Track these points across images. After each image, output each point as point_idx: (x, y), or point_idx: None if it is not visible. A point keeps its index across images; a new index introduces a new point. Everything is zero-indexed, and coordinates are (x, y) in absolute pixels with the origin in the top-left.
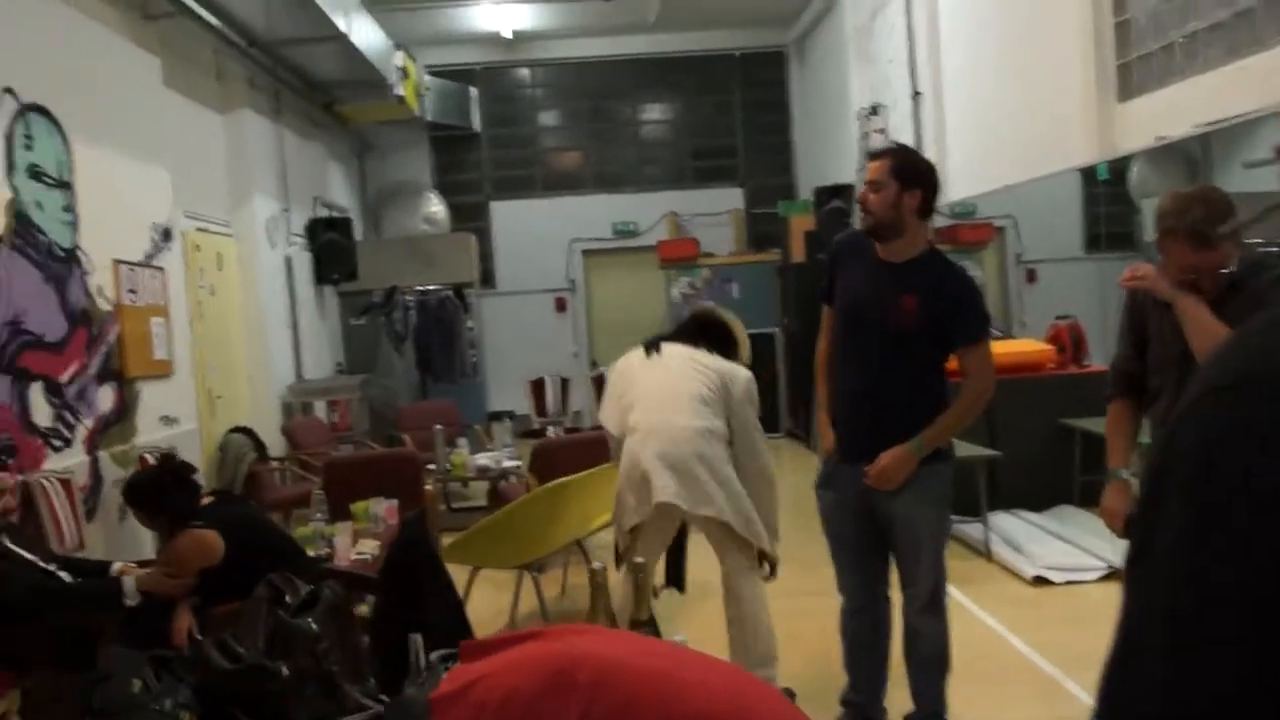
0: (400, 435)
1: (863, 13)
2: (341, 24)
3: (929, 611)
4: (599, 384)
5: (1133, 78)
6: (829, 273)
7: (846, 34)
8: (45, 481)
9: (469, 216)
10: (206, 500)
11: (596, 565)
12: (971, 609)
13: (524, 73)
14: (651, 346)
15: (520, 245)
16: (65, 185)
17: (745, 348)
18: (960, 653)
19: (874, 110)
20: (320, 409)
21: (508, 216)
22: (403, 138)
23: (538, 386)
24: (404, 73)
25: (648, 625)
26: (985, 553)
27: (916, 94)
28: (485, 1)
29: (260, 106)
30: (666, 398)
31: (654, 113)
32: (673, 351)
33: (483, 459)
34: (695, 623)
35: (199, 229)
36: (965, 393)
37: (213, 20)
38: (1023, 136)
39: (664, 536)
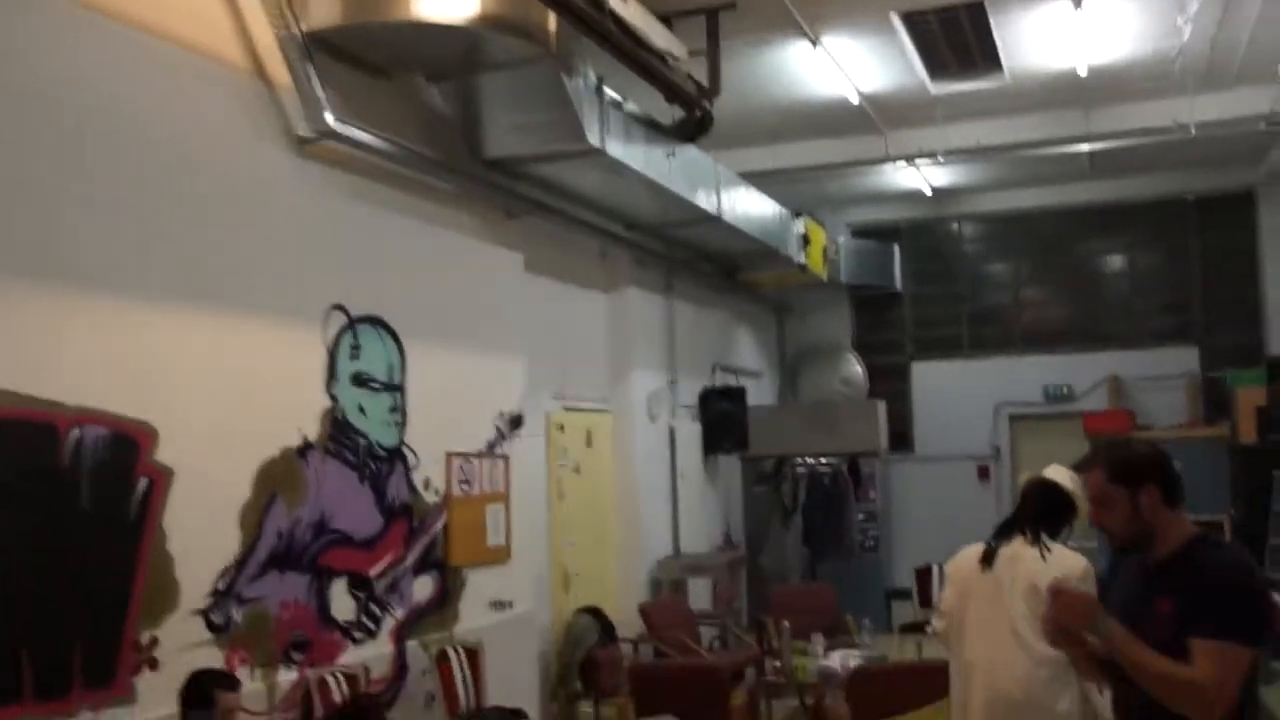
0: (767, 621)
1: None
2: (709, 206)
3: None
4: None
5: None
6: (1106, 581)
7: None
8: (330, 678)
9: (888, 378)
10: None
11: None
12: None
13: (951, 228)
14: (988, 557)
15: (942, 408)
16: (395, 388)
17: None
18: None
19: None
20: (700, 585)
21: (930, 378)
22: (822, 298)
23: (924, 576)
24: (806, 239)
25: None
26: None
27: None
28: (900, 163)
29: (648, 283)
30: (1000, 631)
31: (1095, 266)
32: (1011, 560)
33: (835, 658)
34: None
35: (566, 409)
36: (1184, 672)
37: (573, 211)
38: None
39: None
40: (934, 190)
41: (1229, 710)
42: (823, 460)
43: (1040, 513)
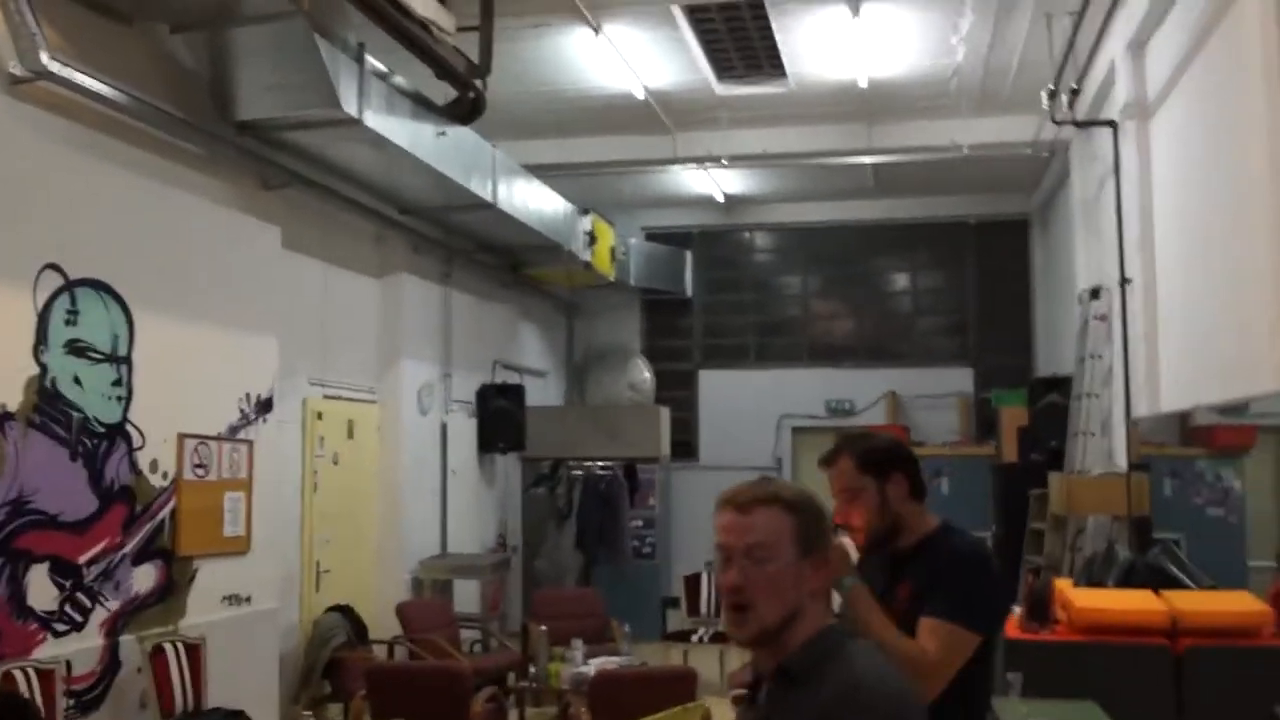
0: (531, 626)
1: (1091, 182)
2: (485, 193)
3: None
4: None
5: None
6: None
7: (1074, 205)
8: (19, 672)
9: (676, 385)
10: None
11: None
12: None
13: (743, 239)
14: None
15: (727, 418)
16: (119, 359)
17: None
18: None
19: (1095, 293)
20: (467, 587)
21: (716, 387)
22: (613, 300)
23: (693, 583)
24: (592, 237)
25: None
26: None
27: (1125, 280)
28: (690, 166)
29: (425, 271)
30: None
31: (881, 284)
32: None
33: (594, 665)
34: None
35: (327, 396)
36: (908, 645)
37: (340, 188)
38: (1221, 346)
39: None
40: (726, 198)
41: (949, 699)
42: (601, 464)
43: None
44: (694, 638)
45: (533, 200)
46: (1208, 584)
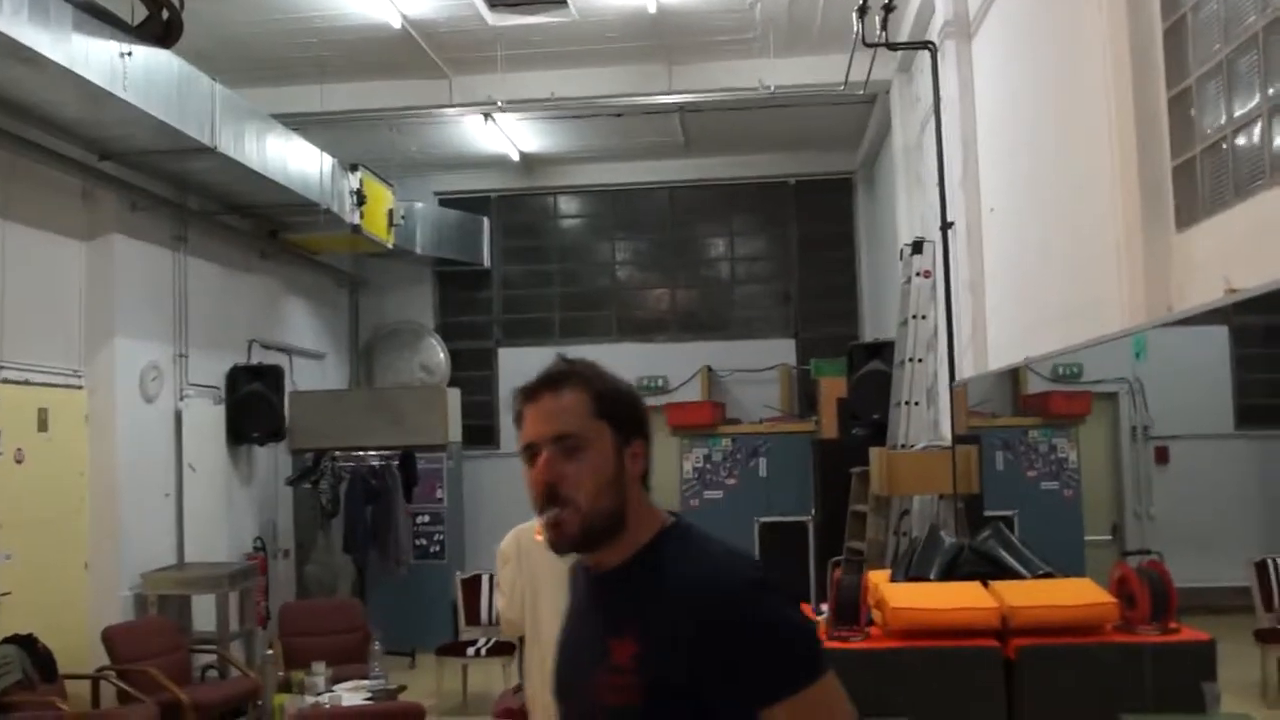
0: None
1: (913, 127)
2: (202, 135)
3: None
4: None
5: (1197, 189)
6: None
7: (895, 154)
8: None
9: (475, 364)
10: None
11: None
12: None
13: (546, 203)
14: None
15: None
16: None
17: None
18: None
19: (917, 246)
20: (207, 603)
21: (519, 365)
22: (402, 274)
23: (472, 585)
24: (361, 197)
25: None
26: None
27: (947, 225)
28: (478, 119)
29: (147, 233)
30: None
31: (695, 252)
32: None
33: (334, 694)
34: None
35: (7, 381)
36: None
37: (11, 128)
38: (1057, 288)
39: None
40: (524, 156)
41: None
42: (376, 454)
43: None
44: (470, 650)
45: (279, 152)
46: (1044, 570)
